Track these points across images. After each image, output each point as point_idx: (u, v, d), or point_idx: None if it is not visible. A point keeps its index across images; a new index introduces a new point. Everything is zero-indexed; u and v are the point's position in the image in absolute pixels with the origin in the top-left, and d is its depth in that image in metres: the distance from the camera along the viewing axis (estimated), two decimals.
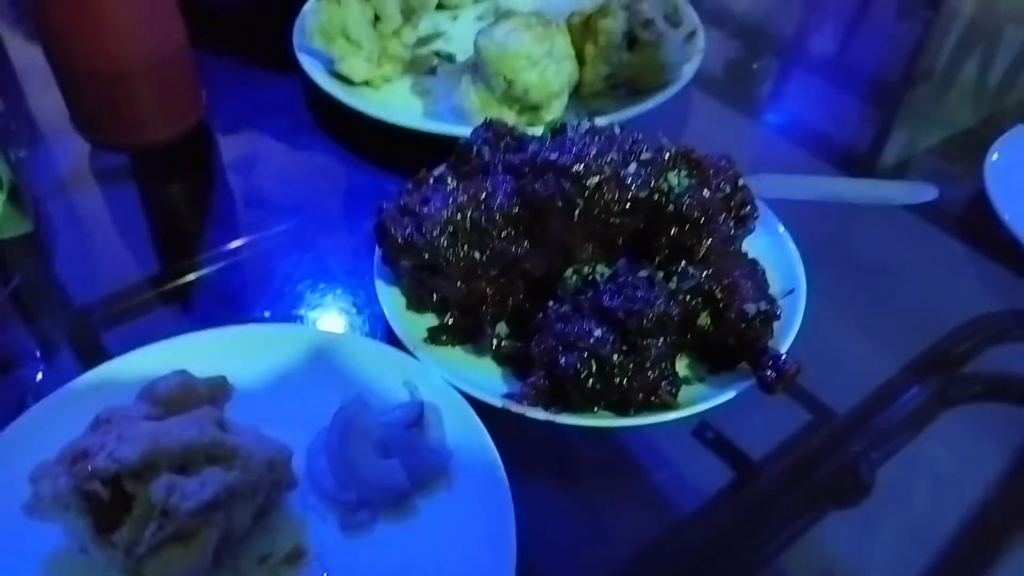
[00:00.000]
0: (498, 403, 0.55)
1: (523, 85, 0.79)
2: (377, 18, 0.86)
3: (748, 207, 0.64)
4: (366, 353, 0.57)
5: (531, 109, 0.82)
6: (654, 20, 0.84)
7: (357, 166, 0.83)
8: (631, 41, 0.84)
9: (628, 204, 0.58)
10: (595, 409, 0.55)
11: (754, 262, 0.61)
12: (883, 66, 1.06)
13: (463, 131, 0.68)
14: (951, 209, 0.78)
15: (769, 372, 0.55)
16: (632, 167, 0.58)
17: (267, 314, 0.66)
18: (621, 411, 0.55)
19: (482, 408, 0.54)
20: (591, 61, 0.85)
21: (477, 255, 0.59)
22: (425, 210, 0.59)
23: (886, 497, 0.56)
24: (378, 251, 0.62)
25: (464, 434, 0.52)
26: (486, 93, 0.81)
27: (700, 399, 0.56)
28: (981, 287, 0.75)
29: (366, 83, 0.87)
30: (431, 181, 0.63)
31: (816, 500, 0.56)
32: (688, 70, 0.87)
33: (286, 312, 0.66)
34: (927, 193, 0.73)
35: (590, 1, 0.87)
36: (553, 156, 0.59)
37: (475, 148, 0.65)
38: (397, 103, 0.86)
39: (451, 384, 0.55)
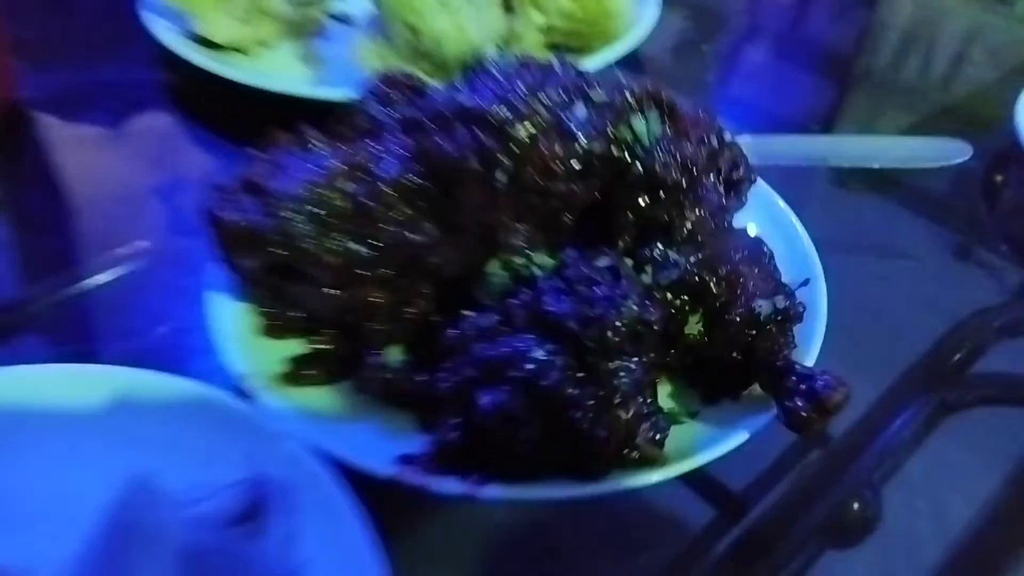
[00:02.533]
0: (388, 472, 0.37)
1: (432, 34, 0.63)
2: None
3: (742, 168, 0.48)
4: (173, 402, 0.37)
5: (446, 68, 0.65)
6: None
7: (217, 149, 0.66)
8: None
9: (576, 163, 0.42)
10: (537, 474, 0.37)
11: (759, 241, 0.45)
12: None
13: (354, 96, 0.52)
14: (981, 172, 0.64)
15: (799, 401, 0.38)
16: (580, 110, 0.43)
17: None
18: (578, 474, 0.37)
19: (364, 483, 0.36)
20: (522, 9, 0.70)
21: (357, 247, 0.42)
22: (277, 184, 0.42)
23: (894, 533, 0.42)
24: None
25: (331, 529, 0.34)
26: (386, 48, 0.66)
27: (696, 446, 0.39)
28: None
29: (236, 49, 0.71)
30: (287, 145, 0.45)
31: (817, 541, 0.42)
32: (643, 23, 0.73)
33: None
34: (960, 152, 0.58)
35: None
36: (466, 100, 0.43)
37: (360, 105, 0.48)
38: (274, 70, 0.70)
39: (314, 447, 0.36)
